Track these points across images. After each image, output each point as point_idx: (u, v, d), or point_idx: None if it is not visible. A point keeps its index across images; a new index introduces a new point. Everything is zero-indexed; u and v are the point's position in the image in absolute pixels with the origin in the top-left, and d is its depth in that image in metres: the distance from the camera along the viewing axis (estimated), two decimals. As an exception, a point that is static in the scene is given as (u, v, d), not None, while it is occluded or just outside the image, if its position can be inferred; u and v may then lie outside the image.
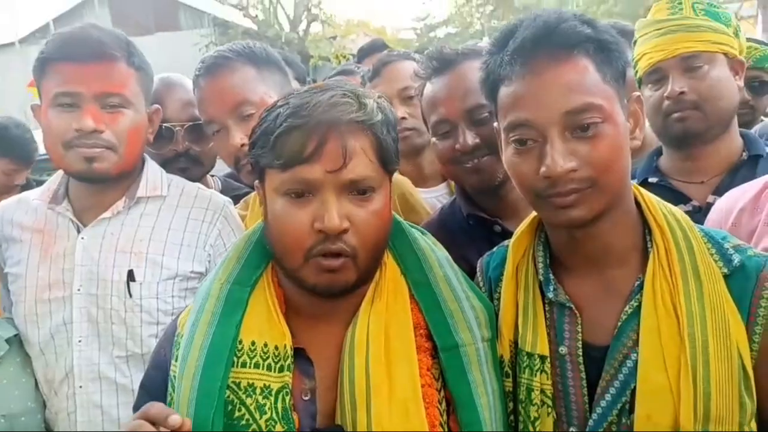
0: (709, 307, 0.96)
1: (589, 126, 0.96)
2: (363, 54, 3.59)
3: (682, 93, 1.56)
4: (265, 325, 1.03)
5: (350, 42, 18.70)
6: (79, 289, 1.48)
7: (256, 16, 19.43)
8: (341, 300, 1.04)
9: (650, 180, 1.65)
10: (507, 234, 1.33)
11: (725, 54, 1.59)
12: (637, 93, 1.10)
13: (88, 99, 1.43)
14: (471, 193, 1.53)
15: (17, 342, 1.54)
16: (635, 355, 0.98)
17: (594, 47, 0.99)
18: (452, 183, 1.86)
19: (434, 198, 1.92)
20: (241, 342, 1.02)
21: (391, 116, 1.05)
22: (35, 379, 1.54)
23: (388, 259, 1.09)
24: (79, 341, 1.47)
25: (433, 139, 1.50)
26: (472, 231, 1.48)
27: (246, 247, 1.10)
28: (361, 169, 0.97)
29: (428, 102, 1.48)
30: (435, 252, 1.11)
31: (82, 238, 1.51)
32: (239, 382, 1.00)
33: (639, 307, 1.00)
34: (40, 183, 1.71)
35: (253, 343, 1.02)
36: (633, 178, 1.64)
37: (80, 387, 1.48)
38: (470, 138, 1.40)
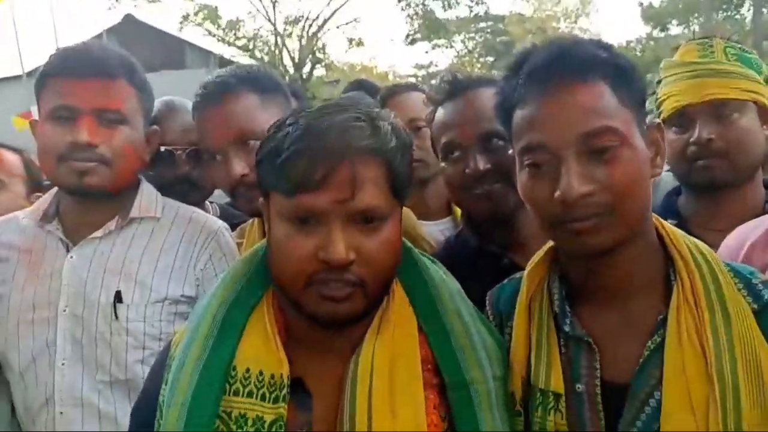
0: (738, 344, 0.90)
1: (607, 149, 0.91)
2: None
3: (709, 140, 1.50)
4: (261, 352, 0.95)
5: (352, 86, 19.01)
6: (64, 310, 1.41)
7: (261, 57, 19.81)
8: (345, 329, 0.97)
9: (668, 222, 1.59)
10: (515, 267, 1.28)
11: (755, 102, 1.53)
12: (658, 120, 1.06)
13: (85, 113, 1.39)
14: (479, 225, 1.48)
15: None
16: (658, 394, 0.91)
17: (611, 71, 0.95)
18: (457, 216, 1.81)
19: (439, 231, 1.87)
20: (234, 369, 0.94)
21: (407, 139, 0.98)
22: (11, 406, 1.45)
23: (397, 288, 1.02)
24: (62, 364, 1.40)
25: (443, 164, 1.45)
26: (478, 264, 1.42)
27: (247, 268, 1.03)
28: (370, 199, 0.90)
29: (439, 125, 1.45)
30: (447, 283, 1.04)
31: (71, 257, 1.44)
32: (230, 412, 0.93)
33: (662, 342, 0.93)
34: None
35: (247, 371, 0.94)
36: (651, 213, 1.59)
37: (61, 413, 1.39)
38: (481, 162, 1.35)
